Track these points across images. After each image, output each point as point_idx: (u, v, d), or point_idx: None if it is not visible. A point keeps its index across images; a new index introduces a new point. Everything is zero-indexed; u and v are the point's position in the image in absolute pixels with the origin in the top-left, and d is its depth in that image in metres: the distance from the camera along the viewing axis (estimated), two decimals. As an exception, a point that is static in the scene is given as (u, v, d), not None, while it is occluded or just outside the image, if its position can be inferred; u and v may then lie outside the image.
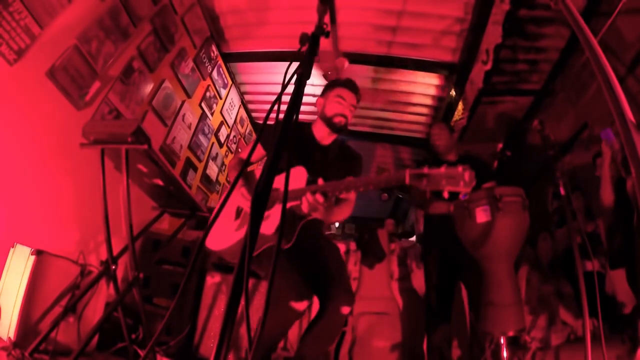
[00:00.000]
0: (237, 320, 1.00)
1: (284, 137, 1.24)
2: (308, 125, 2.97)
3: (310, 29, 1.62)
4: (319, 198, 2.17)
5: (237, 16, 5.71)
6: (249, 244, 0.99)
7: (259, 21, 5.62)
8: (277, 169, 1.17)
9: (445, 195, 1.77)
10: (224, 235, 2.59)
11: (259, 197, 1.09)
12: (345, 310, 2.45)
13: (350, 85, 2.89)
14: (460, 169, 1.74)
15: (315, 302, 2.54)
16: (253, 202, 1.08)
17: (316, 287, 2.51)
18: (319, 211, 2.24)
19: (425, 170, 1.80)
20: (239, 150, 7.26)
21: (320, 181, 2.34)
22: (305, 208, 2.23)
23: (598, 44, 1.23)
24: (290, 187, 2.21)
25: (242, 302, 0.97)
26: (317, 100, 2.93)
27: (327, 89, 2.94)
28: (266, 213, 2.06)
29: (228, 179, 6.18)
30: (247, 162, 1.36)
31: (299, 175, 2.44)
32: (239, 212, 2.63)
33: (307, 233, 2.50)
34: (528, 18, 4.53)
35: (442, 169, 1.77)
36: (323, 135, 2.89)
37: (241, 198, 2.55)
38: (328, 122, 2.82)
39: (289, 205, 2.26)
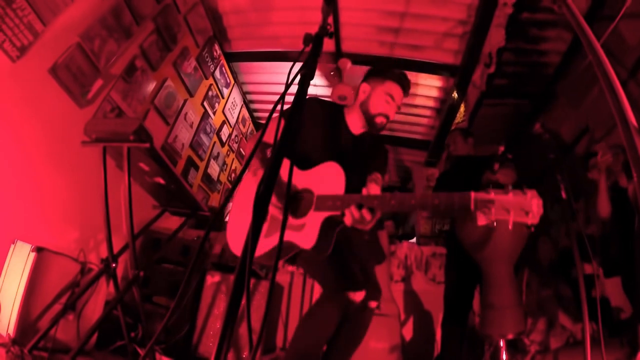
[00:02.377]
0: (237, 320, 1.00)
1: (288, 140, 1.23)
2: (340, 108, 2.61)
3: (313, 30, 1.62)
4: (367, 215, 1.84)
5: (240, 16, 5.72)
6: (250, 243, 0.99)
7: (262, 21, 5.62)
8: (308, 161, 1.12)
9: (510, 227, 1.55)
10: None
11: (259, 199, 1.07)
12: (373, 304, 2.34)
13: (403, 82, 2.55)
14: (529, 196, 1.53)
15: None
16: (255, 204, 1.07)
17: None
18: (363, 226, 1.91)
19: (492, 195, 1.57)
20: (243, 147, 7.25)
21: (364, 191, 1.91)
22: (348, 222, 1.89)
23: (601, 48, 1.23)
24: (326, 190, 1.99)
25: (242, 301, 0.97)
26: (362, 86, 2.56)
27: (376, 76, 2.54)
28: (301, 221, 2.03)
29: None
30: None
31: (335, 176, 2.05)
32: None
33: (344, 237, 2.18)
34: (530, 21, 4.54)
35: (511, 196, 1.55)
36: (357, 126, 2.55)
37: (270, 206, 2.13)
38: (369, 118, 2.47)
39: (326, 214, 1.96)
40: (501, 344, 3.06)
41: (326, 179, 2.04)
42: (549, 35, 4.71)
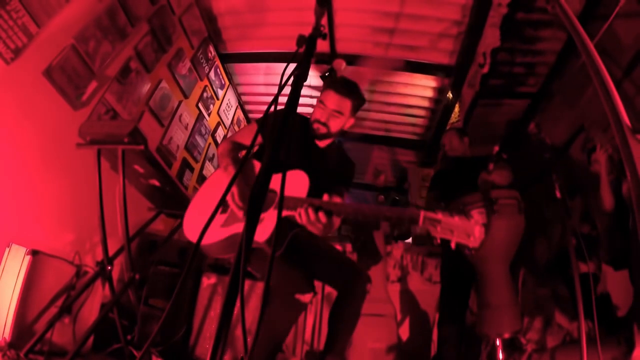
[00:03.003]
0: (233, 321, 1.00)
1: (280, 139, 1.24)
2: (309, 122, 2.68)
3: (308, 31, 1.63)
4: (322, 217, 1.97)
5: (235, 17, 5.72)
6: (244, 247, 0.99)
7: (257, 22, 5.62)
8: (275, 166, 1.15)
9: (452, 246, 1.72)
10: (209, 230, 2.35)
11: (254, 199, 1.08)
12: (368, 286, 2.45)
13: (338, 87, 2.59)
14: (472, 222, 1.69)
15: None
16: (249, 204, 1.07)
17: (328, 277, 2.57)
18: (317, 229, 2.04)
19: (440, 216, 1.73)
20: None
21: (326, 197, 2.10)
22: (302, 221, 2.01)
23: (595, 48, 1.23)
24: (290, 192, 2.01)
25: (238, 303, 0.97)
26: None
27: (323, 88, 2.69)
28: (260, 216, 2.01)
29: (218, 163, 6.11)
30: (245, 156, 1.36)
31: (299, 181, 2.19)
32: (226, 204, 2.31)
33: (298, 240, 2.37)
34: (525, 21, 4.55)
35: (456, 220, 1.70)
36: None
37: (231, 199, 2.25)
38: (311, 126, 2.62)
39: (285, 214, 2.06)
40: (498, 343, 3.07)
41: (291, 183, 2.02)
42: (544, 35, 4.72)
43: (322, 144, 2.72)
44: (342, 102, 2.56)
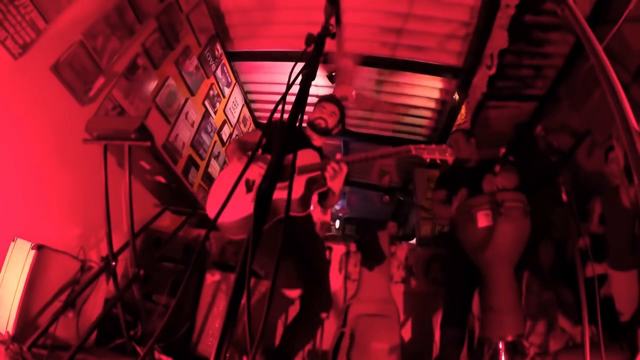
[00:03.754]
0: (238, 319, 1.00)
1: (289, 138, 1.24)
2: (302, 128, 3.12)
3: (315, 30, 1.62)
4: (344, 167, 2.61)
5: (243, 15, 5.72)
6: (251, 245, 0.99)
7: (264, 21, 5.62)
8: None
9: (438, 162, 2.49)
10: (232, 208, 2.60)
11: (262, 197, 1.08)
12: (323, 315, 2.73)
13: (333, 100, 3.35)
14: (445, 146, 2.49)
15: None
16: (256, 202, 1.08)
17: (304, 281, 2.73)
18: (339, 182, 2.64)
19: (423, 146, 2.50)
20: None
21: (338, 156, 2.72)
22: (329, 174, 2.60)
23: (603, 51, 1.23)
24: (309, 161, 2.68)
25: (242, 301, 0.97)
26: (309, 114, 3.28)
27: (317, 103, 3.34)
28: (286, 183, 2.39)
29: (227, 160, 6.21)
30: (256, 147, 1.43)
31: (313, 155, 2.79)
32: (250, 185, 2.73)
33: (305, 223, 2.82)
34: (533, 23, 4.53)
35: (433, 146, 2.51)
36: (313, 137, 3.24)
37: (257, 169, 2.69)
38: (311, 124, 3.22)
39: (309, 175, 2.65)
40: (500, 346, 3.06)
41: (305, 157, 2.73)
42: (552, 38, 4.70)
43: (317, 143, 3.25)
44: (335, 108, 3.28)
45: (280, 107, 1.36)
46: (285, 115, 1.33)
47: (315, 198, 2.81)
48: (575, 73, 4.93)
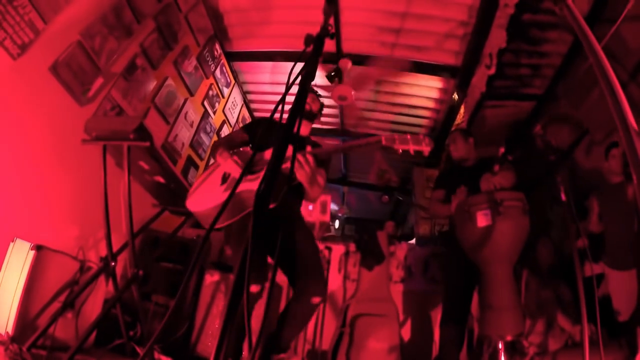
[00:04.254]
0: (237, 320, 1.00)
1: (289, 137, 1.25)
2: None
3: (314, 29, 1.62)
4: (310, 159, 2.48)
5: (241, 15, 5.72)
6: (250, 245, 0.99)
7: (263, 20, 5.62)
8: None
9: (412, 152, 2.32)
10: (206, 198, 2.69)
11: (261, 197, 1.09)
12: (315, 300, 2.65)
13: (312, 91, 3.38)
14: (421, 136, 2.34)
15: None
16: (255, 202, 1.08)
17: (291, 273, 2.77)
18: (306, 174, 2.50)
19: (396, 135, 2.35)
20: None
21: (308, 148, 2.65)
22: (300, 165, 2.49)
23: (601, 50, 1.23)
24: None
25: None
26: None
27: None
28: (256, 175, 2.58)
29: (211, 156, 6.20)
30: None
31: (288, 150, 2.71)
32: (225, 177, 2.75)
33: (287, 207, 2.81)
34: (532, 22, 4.53)
35: (408, 136, 2.34)
36: (304, 129, 3.19)
37: (232, 165, 2.65)
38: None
39: (285, 166, 2.52)
40: (500, 345, 3.06)
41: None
42: (550, 37, 4.70)
43: (303, 131, 3.21)
44: (313, 96, 3.31)
45: (280, 107, 1.36)
46: (284, 115, 1.33)
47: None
48: (573, 72, 4.93)
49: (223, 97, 6.40)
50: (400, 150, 2.34)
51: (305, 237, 2.92)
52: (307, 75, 1.41)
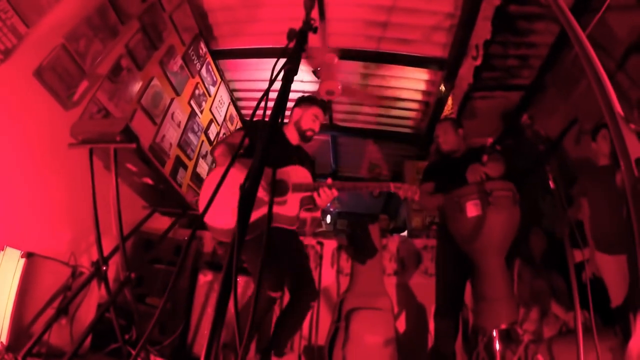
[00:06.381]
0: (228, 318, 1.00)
1: (272, 135, 1.24)
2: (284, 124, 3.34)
3: (301, 26, 1.62)
4: (335, 192, 2.86)
5: (226, 13, 5.69)
6: (236, 242, 0.99)
7: (249, 18, 5.60)
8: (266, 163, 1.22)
9: (416, 199, 2.93)
10: (227, 216, 2.65)
11: (246, 196, 1.08)
12: (311, 304, 3.05)
13: (324, 107, 3.48)
14: (415, 187, 2.88)
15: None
16: (240, 201, 1.08)
17: (289, 281, 3.05)
18: (324, 203, 2.91)
19: (399, 184, 2.87)
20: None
21: (329, 180, 2.92)
22: (322, 198, 2.87)
23: (587, 40, 1.23)
24: (301, 180, 2.94)
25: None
26: (294, 109, 3.41)
27: (305, 103, 3.41)
28: (283, 199, 2.87)
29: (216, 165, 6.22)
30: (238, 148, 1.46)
31: (304, 173, 3.00)
32: None
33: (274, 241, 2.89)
34: (518, 14, 4.55)
35: (407, 186, 2.87)
36: (293, 138, 3.34)
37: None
38: (301, 133, 3.32)
39: (305, 194, 2.93)
40: (494, 334, 3.08)
41: (297, 174, 2.97)
42: (537, 28, 4.72)
43: (294, 142, 3.36)
44: (320, 111, 3.39)
45: (263, 104, 1.36)
46: (268, 112, 1.32)
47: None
48: (560, 62, 4.96)
49: (210, 95, 6.37)
50: (402, 197, 2.87)
51: (304, 253, 3.33)
52: (290, 70, 1.41)
